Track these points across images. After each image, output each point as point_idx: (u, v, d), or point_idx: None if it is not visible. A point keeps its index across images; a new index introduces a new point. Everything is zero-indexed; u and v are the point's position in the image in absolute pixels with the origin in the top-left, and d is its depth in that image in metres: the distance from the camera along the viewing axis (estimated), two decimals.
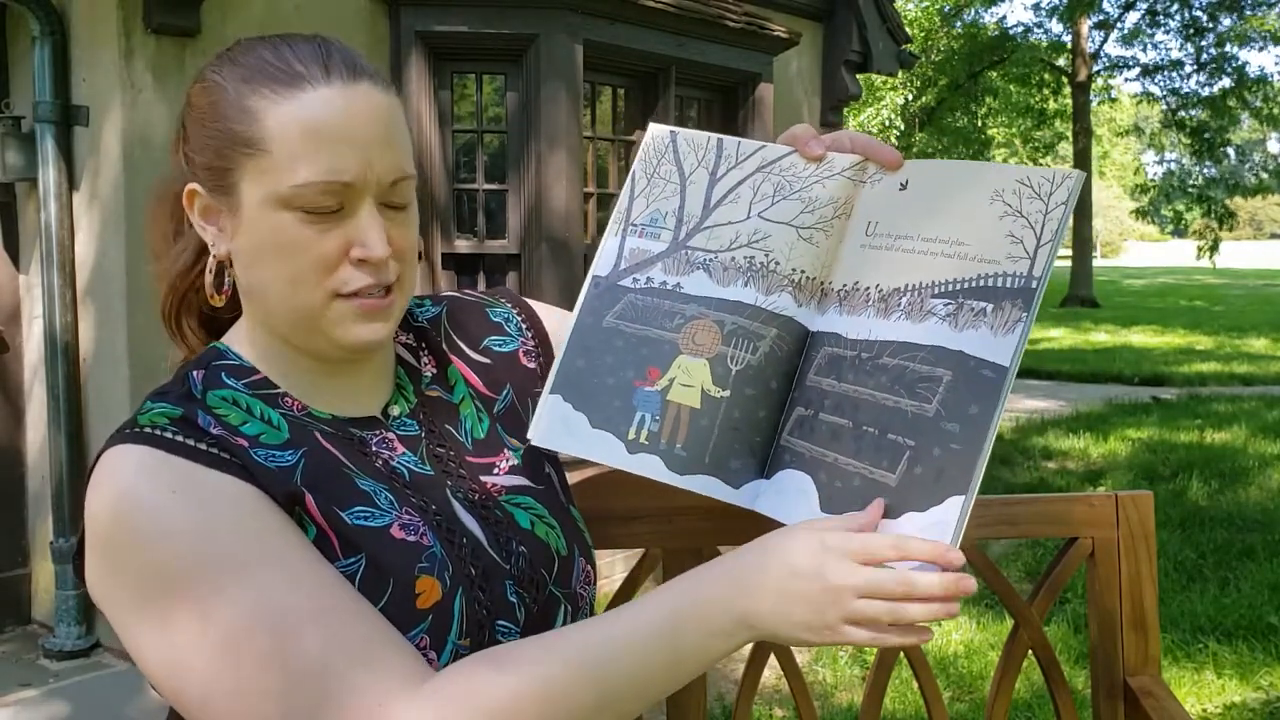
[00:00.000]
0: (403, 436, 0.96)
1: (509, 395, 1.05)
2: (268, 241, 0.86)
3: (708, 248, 0.94)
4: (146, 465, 0.81)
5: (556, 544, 0.97)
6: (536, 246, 4.25)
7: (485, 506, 0.95)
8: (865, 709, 1.34)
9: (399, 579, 0.85)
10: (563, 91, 4.19)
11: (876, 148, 0.92)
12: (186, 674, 0.78)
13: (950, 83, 20.72)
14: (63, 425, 3.53)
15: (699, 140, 0.98)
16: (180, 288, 0.96)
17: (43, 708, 3.19)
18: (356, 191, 0.86)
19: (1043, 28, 22.10)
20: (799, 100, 5.92)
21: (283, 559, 0.80)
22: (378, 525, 0.86)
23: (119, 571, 0.80)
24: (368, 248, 0.86)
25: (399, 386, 0.99)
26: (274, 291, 0.88)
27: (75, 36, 3.48)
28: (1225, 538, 4.84)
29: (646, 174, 0.98)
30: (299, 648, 0.77)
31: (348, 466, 0.89)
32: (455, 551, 0.89)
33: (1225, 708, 3.19)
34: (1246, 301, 22.19)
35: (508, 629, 0.90)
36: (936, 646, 3.66)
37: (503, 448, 1.01)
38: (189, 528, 0.79)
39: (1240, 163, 21.90)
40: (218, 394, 0.89)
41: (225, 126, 0.86)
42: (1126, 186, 35.14)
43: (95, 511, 0.81)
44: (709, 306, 0.92)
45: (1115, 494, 1.35)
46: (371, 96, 0.87)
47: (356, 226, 0.86)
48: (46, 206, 3.47)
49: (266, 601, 0.78)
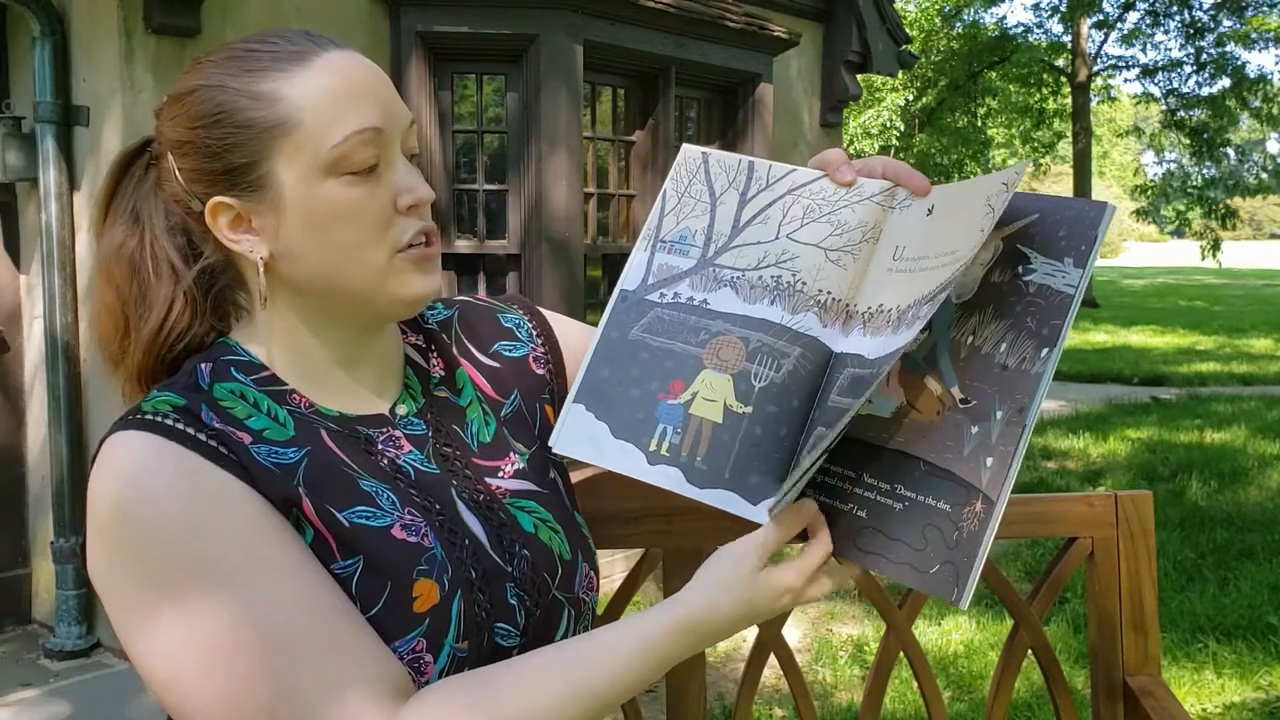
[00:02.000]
0: (410, 435, 0.96)
1: (517, 400, 1.05)
2: (323, 213, 0.86)
3: (735, 266, 0.95)
4: (147, 452, 0.81)
5: (560, 548, 0.97)
6: (537, 247, 4.25)
7: (489, 508, 0.95)
8: (865, 709, 1.34)
9: (396, 582, 0.85)
10: (563, 92, 4.20)
11: (906, 173, 0.93)
12: (168, 675, 0.78)
13: (950, 83, 20.73)
14: (63, 425, 3.53)
15: (730, 162, 0.99)
16: (157, 344, 0.92)
17: (43, 708, 3.19)
18: (388, 140, 0.88)
19: (1042, 28, 22.09)
20: (799, 101, 5.92)
21: (271, 573, 0.80)
22: (379, 525, 0.86)
23: (114, 557, 0.80)
24: (415, 191, 0.89)
25: (407, 386, 0.99)
26: (337, 264, 0.88)
27: (75, 37, 3.48)
28: (1225, 538, 4.84)
29: (677, 192, 0.99)
30: (277, 670, 0.77)
31: (351, 467, 0.89)
32: (456, 553, 0.89)
33: (1225, 708, 3.20)
34: (1246, 301, 22.18)
35: (507, 631, 0.90)
36: (936, 646, 3.66)
37: (509, 451, 1.01)
38: (185, 522, 0.79)
39: (1240, 163, 21.89)
40: (225, 386, 0.89)
41: (242, 120, 0.85)
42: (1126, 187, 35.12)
43: (96, 496, 0.82)
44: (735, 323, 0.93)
45: (1115, 494, 1.34)
46: (361, 57, 0.90)
47: (397, 176, 0.89)
48: (47, 207, 3.47)
49: (251, 617, 0.78)
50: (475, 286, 4.36)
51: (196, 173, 0.87)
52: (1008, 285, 0.86)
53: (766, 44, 5.19)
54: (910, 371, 0.89)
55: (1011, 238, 0.88)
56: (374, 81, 0.88)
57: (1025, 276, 0.85)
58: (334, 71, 0.86)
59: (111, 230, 0.93)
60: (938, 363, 0.87)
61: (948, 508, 0.82)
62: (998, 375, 0.83)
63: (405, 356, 1.01)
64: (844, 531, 0.87)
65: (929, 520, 0.83)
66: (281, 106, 0.85)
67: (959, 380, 0.86)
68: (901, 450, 0.87)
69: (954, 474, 0.83)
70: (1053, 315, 0.83)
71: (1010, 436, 0.81)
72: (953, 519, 0.82)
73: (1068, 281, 0.83)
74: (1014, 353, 0.83)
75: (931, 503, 0.83)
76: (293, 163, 0.85)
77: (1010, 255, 0.87)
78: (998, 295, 0.86)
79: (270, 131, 0.85)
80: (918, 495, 0.84)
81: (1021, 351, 0.83)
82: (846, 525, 0.87)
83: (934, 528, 0.83)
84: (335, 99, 0.85)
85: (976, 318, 0.87)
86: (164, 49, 3.41)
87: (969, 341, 0.86)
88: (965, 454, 0.83)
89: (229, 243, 0.89)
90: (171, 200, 0.91)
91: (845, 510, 0.88)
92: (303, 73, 0.86)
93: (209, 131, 0.86)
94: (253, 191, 0.86)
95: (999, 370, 0.84)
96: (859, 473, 0.88)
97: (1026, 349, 0.83)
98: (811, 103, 6.02)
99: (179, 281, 0.91)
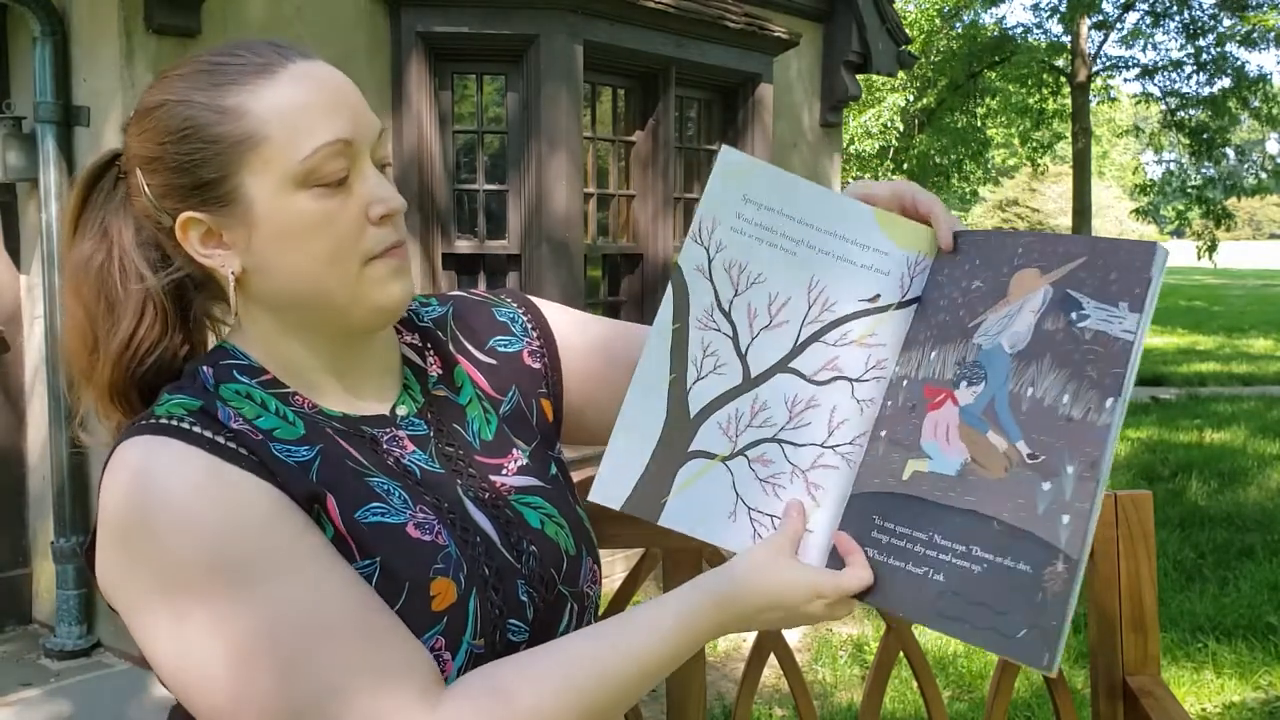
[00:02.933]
0: (411, 436, 0.96)
1: (515, 396, 1.05)
2: (294, 226, 0.86)
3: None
4: (165, 457, 0.81)
5: (566, 543, 0.98)
6: (537, 247, 4.25)
7: (496, 505, 0.95)
8: (865, 709, 1.34)
9: (415, 582, 0.85)
10: (563, 92, 4.20)
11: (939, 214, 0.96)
12: (197, 676, 0.78)
13: (950, 83, 20.71)
14: (63, 426, 3.53)
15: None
16: (125, 358, 0.91)
17: (43, 708, 3.19)
18: (357, 151, 0.87)
19: (1042, 28, 22.07)
20: (799, 101, 5.92)
21: (300, 569, 0.80)
22: (393, 522, 0.87)
23: (135, 564, 0.80)
24: (388, 202, 0.88)
25: (406, 387, 0.99)
26: (311, 276, 0.87)
27: (76, 36, 3.48)
28: (1225, 538, 4.85)
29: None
30: (312, 663, 0.77)
31: (362, 464, 0.89)
32: (469, 551, 0.90)
33: (1225, 707, 3.20)
34: (1246, 301, 22.18)
35: (517, 628, 0.90)
36: (936, 646, 3.66)
37: (511, 448, 1.01)
38: (209, 525, 0.79)
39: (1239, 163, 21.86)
40: (230, 388, 0.89)
41: (210, 135, 0.85)
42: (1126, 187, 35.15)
43: (112, 503, 0.81)
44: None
45: (1115, 494, 1.34)
46: (329, 67, 0.90)
47: (367, 187, 0.88)
48: (47, 207, 3.47)
49: (283, 612, 0.78)
50: (475, 286, 4.36)
51: (165, 188, 0.87)
52: (1062, 333, 0.84)
53: (766, 44, 5.19)
54: (971, 426, 0.87)
55: (1061, 283, 0.86)
56: (342, 92, 0.88)
57: (1079, 323, 0.84)
58: (301, 83, 0.86)
59: (79, 245, 0.92)
60: (998, 417, 0.85)
61: (1029, 569, 0.80)
62: (1063, 428, 0.82)
63: (402, 356, 1.01)
64: (923, 597, 0.84)
65: (1010, 583, 0.80)
66: (248, 121, 0.84)
67: (1023, 434, 0.84)
68: (973, 510, 0.84)
69: (1033, 534, 0.81)
70: (1113, 363, 0.81)
71: (1084, 493, 0.79)
72: (1035, 580, 0.79)
73: (1125, 328, 0.81)
74: (1078, 404, 0.82)
75: (1011, 564, 0.81)
76: (262, 177, 0.85)
77: (1061, 301, 0.85)
78: (1053, 344, 0.85)
79: (238, 146, 0.84)
80: (996, 557, 0.82)
81: (1086, 402, 0.81)
82: (924, 590, 0.84)
83: (1017, 591, 0.80)
84: (303, 111, 0.85)
85: (1034, 368, 0.85)
86: (164, 49, 3.41)
87: (1029, 393, 0.85)
88: (1040, 512, 0.81)
89: (200, 258, 0.88)
90: (142, 215, 0.90)
91: (919, 574, 0.85)
92: (269, 86, 0.85)
93: (176, 147, 0.86)
94: (222, 206, 0.86)
95: (1064, 422, 0.82)
96: (929, 534, 0.85)
97: (1090, 399, 0.81)
98: (811, 103, 6.02)
99: (148, 291, 0.90)
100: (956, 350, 0.90)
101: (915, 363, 0.92)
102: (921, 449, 0.89)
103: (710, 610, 0.86)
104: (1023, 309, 0.87)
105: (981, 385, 0.87)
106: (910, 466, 0.89)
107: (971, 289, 0.91)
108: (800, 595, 0.86)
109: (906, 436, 0.90)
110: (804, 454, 0.93)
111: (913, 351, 0.93)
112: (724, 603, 0.86)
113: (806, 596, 0.86)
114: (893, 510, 0.88)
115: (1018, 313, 0.87)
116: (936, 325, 0.92)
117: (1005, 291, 0.89)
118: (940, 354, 0.91)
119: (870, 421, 0.93)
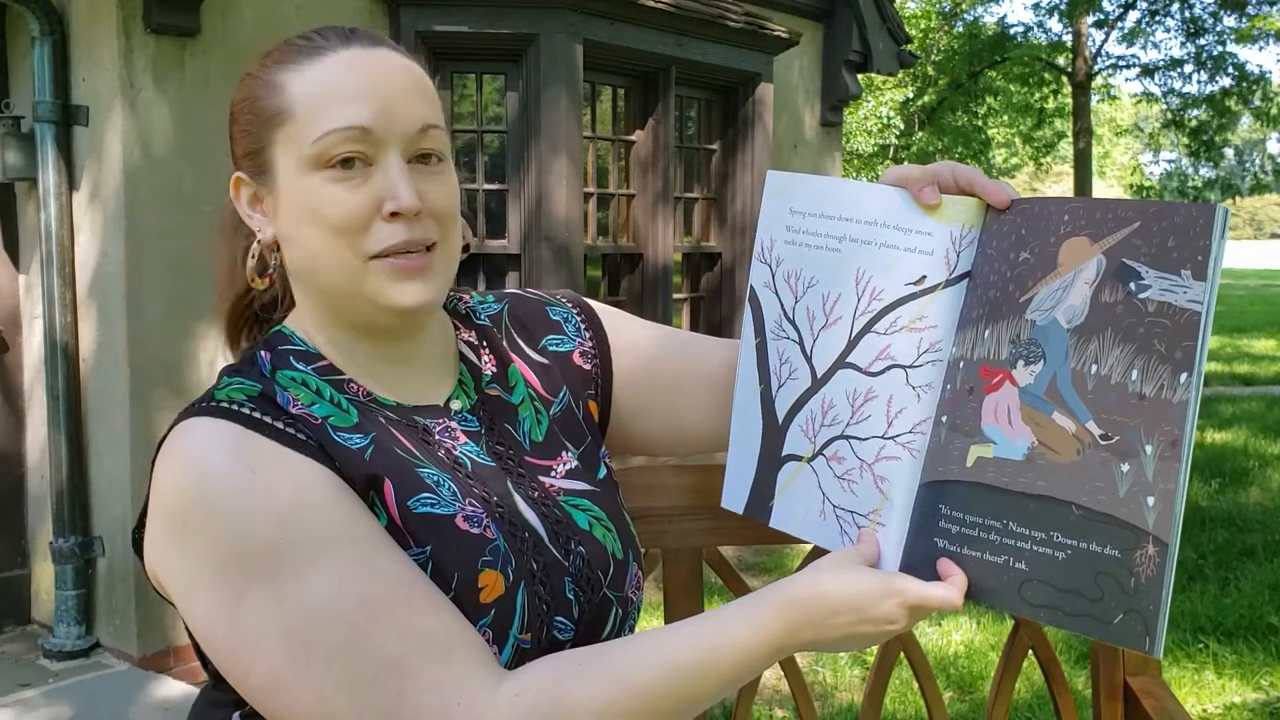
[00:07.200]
0: (465, 429, 0.96)
1: (566, 397, 1.05)
2: (303, 207, 0.87)
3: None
4: (225, 440, 0.81)
5: (613, 547, 0.97)
6: (537, 247, 4.25)
7: (545, 504, 0.95)
8: (865, 709, 1.34)
9: (463, 573, 0.85)
10: (563, 91, 4.19)
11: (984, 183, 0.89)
12: (255, 657, 0.78)
13: (950, 82, 20.72)
14: (63, 426, 3.53)
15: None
16: (239, 308, 0.99)
17: (43, 708, 3.19)
18: (379, 140, 0.86)
19: (1043, 27, 22.09)
20: (799, 100, 5.92)
21: (359, 547, 0.80)
22: (443, 513, 0.87)
23: (191, 545, 0.79)
24: (398, 199, 0.86)
25: (460, 382, 0.99)
26: (316, 259, 0.89)
27: (75, 36, 3.47)
28: (1225, 538, 4.85)
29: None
30: (375, 641, 0.77)
31: (414, 454, 0.89)
32: (518, 545, 0.89)
33: (1225, 708, 3.19)
34: (1247, 301, 22.17)
35: (564, 625, 0.90)
36: (936, 647, 3.66)
37: (561, 450, 1.01)
38: (268, 508, 0.79)
39: (1239, 163, 21.88)
40: (286, 374, 0.90)
41: (257, 107, 0.89)
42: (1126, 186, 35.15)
43: (168, 484, 0.81)
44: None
45: None
46: (392, 58, 0.90)
47: (384, 180, 0.87)
48: (46, 207, 3.46)
49: (343, 592, 0.78)
50: (475, 286, 4.36)
51: (235, 150, 0.94)
52: (1122, 305, 0.80)
53: (767, 43, 5.19)
54: (1034, 408, 0.83)
55: (1114, 251, 0.81)
56: (385, 81, 0.88)
57: (1140, 294, 0.79)
58: (336, 68, 0.87)
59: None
60: (1063, 397, 0.81)
61: (1116, 553, 0.78)
62: (1136, 406, 0.78)
63: (459, 353, 1.01)
64: (1006, 585, 0.82)
65: (1099, 568, 0.79)
66: (283, 97, 0.88)
67: (1093, 414, 0.80)
68: (1046, 495, 0.81)
69: (1115, 517, 0.78)
70: (1183, 336, 0.77)
71: (1168, 473, 0.77)
72: (1125, 564, 0.78)
73: (1191, 298, 0.77)
74: (1148, 380, 0.78)
75: (1098, 549, 0.79)
76: (286, 152, 0.88)
77: (1117, 271, 0.80)
78: (1113, 317, 0.80)
79: (272, 120, 0.88)
80: (1079, 542, 0.80)
81: (1157, 378, 0.77)
82: (1005, 578, 0.82)
83: (1106, 575, 0.78)
84: (327, 94, 0.86)
85: (1095, 343, 0.80)
86: (163, 49, 3.41)
87: (1092, 370, 0.80)
88: (1121, 495, 0.78)
89: (245, 217, 0.94)
90: None
91: (999, 563, 0.83)
92: (312, 68, 0.88)
93: (242, 114, 0.92)
94: (261, 174, 0.91)
95: (1136, 400, 0.78)
96: (1004, 521, 0.83)
97: (1162, 375, 0.77)
98: (812, 102, 6.02)
99: (248, 245, 0.96)
100: (1010, 327, 0.85)
101: (970, 343, 0.88)
102: (983, 433, 0.85)
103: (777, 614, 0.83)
104: (1075, 281, 0.82)
105: (1040, 364, 0.83)
106: (974, 453, 0.86)
107: (1019, 261, 0.86)
108: (872, 594, 0.82)
109: (966, 421, 0.86)
110: (868, 447, 0.92)
111: (967, 331, 0.88)
112: (791, 604, 0.83)
113: (879, 595, 0.82)
114: (960, 499, 0.85)
115: (1071, 285, 0.82)
116: (988, 302, 0.87)
117: (1055, 262, 0.84)
118: (994, 332, 0.86)
119: (931, 407, 0.89)
